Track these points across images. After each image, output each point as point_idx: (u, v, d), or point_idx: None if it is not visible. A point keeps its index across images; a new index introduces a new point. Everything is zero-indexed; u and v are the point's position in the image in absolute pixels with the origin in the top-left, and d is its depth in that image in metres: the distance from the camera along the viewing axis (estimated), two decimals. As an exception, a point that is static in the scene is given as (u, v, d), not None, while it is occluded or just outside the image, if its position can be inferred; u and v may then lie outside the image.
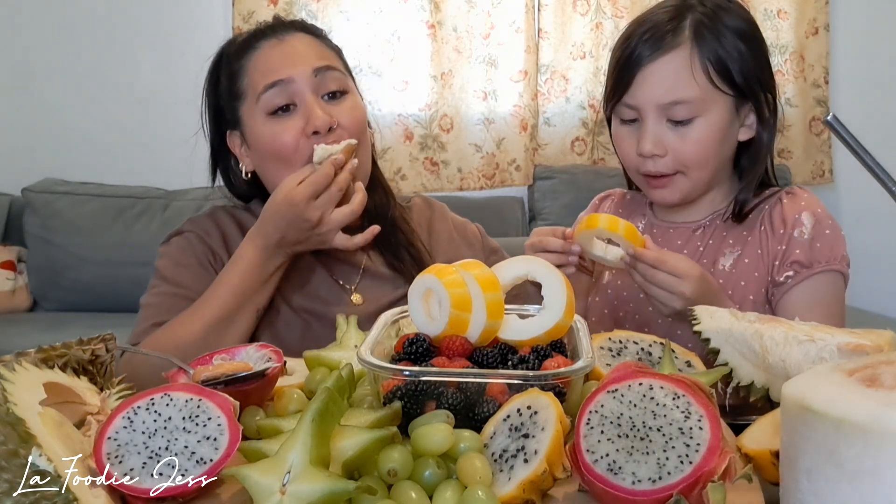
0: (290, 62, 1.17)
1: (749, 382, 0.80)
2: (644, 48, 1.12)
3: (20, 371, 0.65)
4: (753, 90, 1.14)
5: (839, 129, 0.74)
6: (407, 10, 3.20)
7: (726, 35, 1.12)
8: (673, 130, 1.12)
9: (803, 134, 3.28)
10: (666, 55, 1.11)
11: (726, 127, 1.14)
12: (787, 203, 1.18)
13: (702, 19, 1.13)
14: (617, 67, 1.15)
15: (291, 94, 1.16)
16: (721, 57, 1.11)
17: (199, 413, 0.66)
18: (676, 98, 1.10)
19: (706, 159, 1.14)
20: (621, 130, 1.18)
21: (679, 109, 1.11)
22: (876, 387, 0.54)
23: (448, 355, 0.78)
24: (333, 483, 0.57)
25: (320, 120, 1.14)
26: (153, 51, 3.27)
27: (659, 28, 1.13)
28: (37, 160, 3.21)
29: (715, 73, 1.11)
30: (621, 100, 1.15)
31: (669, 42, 1.11)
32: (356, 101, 1.22)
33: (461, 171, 3.27)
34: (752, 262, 1.17)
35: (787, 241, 1.15)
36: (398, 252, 1.26)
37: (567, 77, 3.28)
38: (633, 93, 1.13)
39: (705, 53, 1.11)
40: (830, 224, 1.17)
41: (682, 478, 0.57)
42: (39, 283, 3.02)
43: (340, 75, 1.20)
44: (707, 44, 1.11)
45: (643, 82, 1.12)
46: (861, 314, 2.82)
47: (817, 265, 1.13)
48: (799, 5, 3.23)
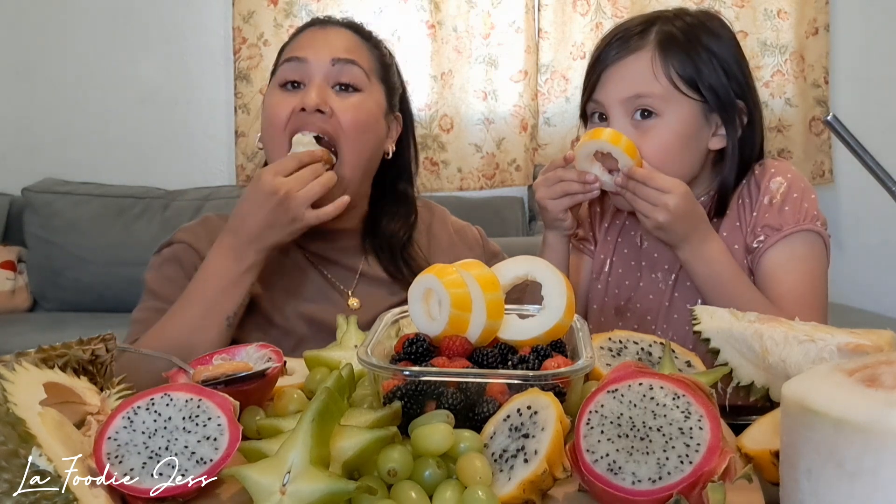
0: (315, 46, 1.19)
1: (749, 382, 0.80)
2: (611, 49, 1.17)
3: (20, 371, 0.65)
4: (722, 103, 1.15)
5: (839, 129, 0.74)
6: (407, 10, 3.20)
7: (694, 49, 1.15)
8: (636, 128, 1.15)
9: (803, 134, 3.28)
10: (630, 56, 1.15)
11: (692, 131, 1.15)
12: (757, 173, 1.20)
13: (671, 30, 1.16)
14: (588, 68, 1.21)
15: (304, 73, 1.18)
16: (686, 66, 1.14)
17: (199, 413, 0.66)
18: (637, 92, 1.14)
19: (667, 160, 1.14)
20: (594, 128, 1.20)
21: (641, 102, 1.14)
22: (876, 387, 0.54)
23: (448, 355, 0.78)
24: (333, 483, 0.57)
25: (311, 99, 1.14)
26: (153, 51, 3.27)
27: (627, 33, 1.18)
28: (37, 160, 3.21)
29: (678, 78, 1.14)
30: (590, 98, 1.19)
31: (634, 45, 1.16)
32: (364, 102, 1.19)
33: (461, 171, 3.27)
34: (730, 235, 1.19)
35: (758, 207, 1.17)
36: (396, 259, 1.26)
37: (567, 77, 3.28)
38: (600, 90, 1.17)
39: (669, 59, 1.14)
40: (800, 187, 1.18)
41: (682, 478, 0.57)
42: (39, 283, 3.02)
43: (360, 73, 1.19)
44: (672, 52, 1.15)
45: (608, 80, 1.16)
46: (861, 314, 2.82)
47: (787, 227, 1.15)
48: (799, 5, 3.23)
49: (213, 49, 3.28)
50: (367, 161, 1.22)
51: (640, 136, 1.14)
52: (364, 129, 1.19)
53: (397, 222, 1.28)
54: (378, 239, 1.27)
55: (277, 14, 3.17)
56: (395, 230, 1.28)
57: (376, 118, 1.21)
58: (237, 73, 3.19)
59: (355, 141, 1.18)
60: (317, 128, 1.15)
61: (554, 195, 1.15)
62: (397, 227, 1.28)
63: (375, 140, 1.22)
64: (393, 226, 1.28)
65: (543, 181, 1.16)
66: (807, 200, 1.17)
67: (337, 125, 1.16)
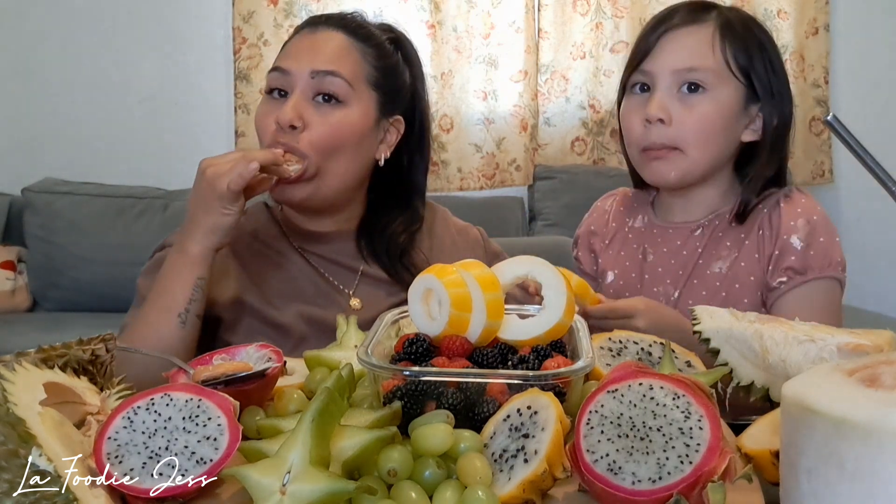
0: (299, 55, 1.18)
1: (749, 382, 0.80)
2: (670, 19, 1.18)
3: (20, 371, 0.65)
4: (766, 91, 1.17)
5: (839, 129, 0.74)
6: (407, 10, 3.20)
7: (750, 38, 1.17)
8: (681, 101, 1.15)
9: (803, 134, 3.28)
10: (691, 26, 1.17)
11: (732, 114, 1.17)
12: (784, 207, 1.18)
13: (729, 16, 1.19)
14: (641, 37, 1.20)
15: (287, 83, 1.17)
16: (741, 50, 1.16)
17: (199, 413, 0.66)
18: (692, 65, 1.15)
19: (706, 138, 1.16)
20: (631, 102, 1.21)
21: (692, 76, 1.15)
22: (876, 387, 0.54)
23: (448, 355, 0.78)
24: (333, 483, 0.57)
25: (286, 115, 1.13)
26: (153, 51, 3.27)
27: (687, 7, 1.19)
28: (37, 160, 3.21)
29: (732, 57, 1.15)
30: (639, 66, 1.18)
31: (695, 18, 1.17)
32: (344, 117, 1.15)
33: (461, 171, 3.27)
34: (748, 265, 1.18)
35: (782, 246, 1.15)
36: (394, 261, 1.25)
37: (567, 77, 3.28)
38: (652, 57, 1.17)
39: (727, 37, 1.16)
40: (826, 230, 1.17)
41: (682, 478, 0.57)
42: (39, 283, 3.02)
43: (342, 84, 1.15)
44: (730, 32, 1.16)
45: (664, 47, 1.17)
46: (861, 314, 2.81)
47: (811, 272, 1.14)
48: (799, 5, 3.23)
49: (213, 49, 3.28)
50: (343, 174, 1.18)
51: (685, 110, 1.15)
52: (337, 146, 1.15)
53: (397, 226, 1.27)
54: (375, 242, 1.26)
55: (277, 14, 3.17)
56: (393, 234, 1.26)
57: (359, 131, 1.17)
58: (237, 73, 3.19)
59: (328, 157, 1.15)
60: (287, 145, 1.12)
61: None
62: (396, 231, 1.27)
63: (356, 153, 1.18)
64: (391, 230, 1.26)
65: None
66: (831, 244, 1.16)
67: (309, 141, 1.13)
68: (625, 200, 1.35)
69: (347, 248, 1.26)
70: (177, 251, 1.10)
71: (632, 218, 1.31)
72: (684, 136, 1.15)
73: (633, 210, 1.32)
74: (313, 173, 1.14)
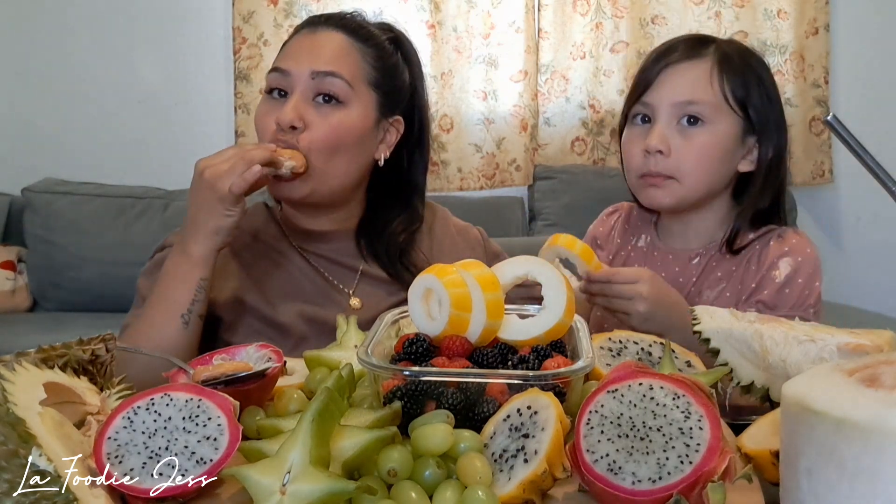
0: (299, 56, 1.17)
1: (749, 382, 0.80)
2: (670, 55, 1.22)
3: (20, 371, 0.65)
4: (762, 125, 1.21)
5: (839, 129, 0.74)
6: (407, 10, 3.20)
7: (747, 71, 1.21)
8: (680, 133, 1.19)
9: (803, 134, 3.28)
10: (689, 62, 1.21)
11: (730, 146, 1.20)
12: (773, 245, 1.22)
13: (727, 50, 1.23)
14: (643, 70, 1.25)
15: (287, 84, 1.17)
16: (738, 84, 1.20)
17: (199, 413, 0.66)
18: (691, 98, 1.18)
19: (703, 168, 1.19)
20: (632, 132, 1.25)
21: (691, 109, 1.18)
22: (876, 387, 0.54)
23: (448, 355, 0.78)
24: (333, 483, 0.57)
25: (286, 115, 1.13)
26: (153, 51, 3.27)
27: (688, 42, 1.24)
28: (37, 160, 3.21)
29: (729, 91, 1.19)
30: (640, 98, 1.22)
31: (694, 53, 1.21)
32: (344, 118, 1.15)
33: (461, 171, 3.27)
34: (732, 295, 1.21)
35: (761, 279, 1.19)
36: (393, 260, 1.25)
37: (567, 77, 3.28)
38: (653, 90, 1.21)
39: (725, 71, 1.20)
40: (808, 272, 1.19)
41: (682, 478, 0.57)
42: (39, 283, 3.02)
43: (342, 84, 1.15)
44: (728, 67, 1.20)
45: (664, 81, 1.20)
46: (861, 314, 2.82)
47: (780, 310, 1.15)
48: (799, 5, 3.23)
49: (213, 49, 3.28)
50: (344, 174, 1.19)
51: (684, 141, 1.19)
52: (337, 147, 1.15)
53: (396, 226, 1.27)
54: (375, 242, 1.26)
55: (277, 14, 3.17)
56: (393, 234, 1.26)
57: (358, 132, 1.17)
58: (237, 73, 3.19)
59: (327, 157, 1.15)
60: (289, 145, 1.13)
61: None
62: (396, 230, 1.27)
63: (355, 153, 1.19)
64: (391, 229, 1.26)
65: None
66: (809, 287, 1.19)
67: (309, 141, 1.13)
68: (629, 217, 1.38)
69: (347, 248, 1.26)
70: (178, 252, 1.10)
71: (635, 237, 1.34)
72: (682, 167, 1.19)
73: (637, 229, 1.35)
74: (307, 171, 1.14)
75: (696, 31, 3.24)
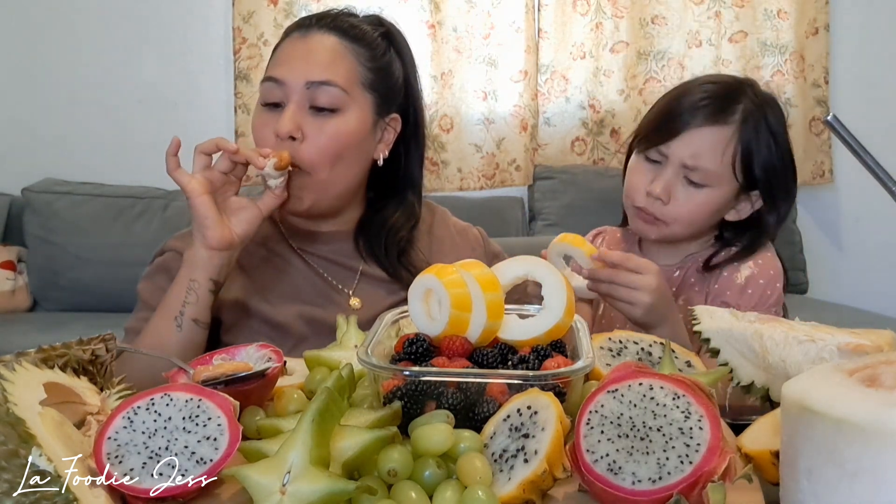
0: (291, 63, 1.16)
1: (749, 382, 0.80)
2: (699, 113, 1.23)
3: (20, 371, 0.65)
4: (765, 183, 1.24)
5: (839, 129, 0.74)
6: (407, 10, 3.20)
7: (762, 130, 1.24)
8: (684, 187, 1.23)
9: (803, 134, 3.28)
10: (714, 127, 1.22)
11: (724, 205, 1.26)
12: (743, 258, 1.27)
13: (751, 108, 1.23)
14: (665, 117, 1.26)
15: (281, 94, 1.15)
16: (751, 148, 1.23)
17: (199, 413, 0.66)
18: (699, 166, 1.21)
19: (694, 220, 1.26)
20: (640, 164, 1.27)
21: (695, 175, 1.22)
22: (876, 387, 0.54)
23: (448, 355, 0.78)
24: (333, 483, 0.57)
25: (284, 126, 1.12)
26: (153, 51, 3.27)
27: (717, 101, 1.23)
28: (37, 160, 3.21)
29: (739, 161, 1.22)
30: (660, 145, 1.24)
31: (722, 118, 1.22)
32: (341, 125, 1.15)
33: (461, 171, 3.27)
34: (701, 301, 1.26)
35: (720, 280, 1.26)
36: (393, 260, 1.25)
37: (567, 77, 3.28)
38: (673, 144, 1.23)
39: (742, 140, 1.22)
40: (768, 275, 1.25)
41: (682, 478, 0.57)
42: (39, 283, 3.02)
43: (337, 92, 1.14)
44: (747, 132, 1.22)
45: (684, 140, 1.22)
46: (861, 314, 2.82)
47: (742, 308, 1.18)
48: (799, 5, 3.23)
49: (213, 49, 3.28)
50: (345, 181, 1.19)
51: (686, 197, 1.23)
52: (338, 155, 1.15)
53: (395, 221, 1.26)
54: (374, 240, 1.26)
55: (277, 14, 3.17)
56: (392, 229, 1.26)
57: (357, 137, 1.17)
58: (237, 73, 3.19)
59: (330, 167, 1.15)
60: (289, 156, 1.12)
61: None
62: (395, 226, 1.26)
63: (355, 158, 1.18)
64: (389, 225, 1.26)
65: None
66: (770, 288, 1.25)
67: (309, 151, 1.13)
68: (614, 240, 1.42)
69: (346, 248, 1.26)
70: (180, 260, 1.11)
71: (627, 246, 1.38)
72: (676, 217, 1.25)
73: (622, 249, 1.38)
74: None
75: (697, 32, 3.25)
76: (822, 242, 3.32)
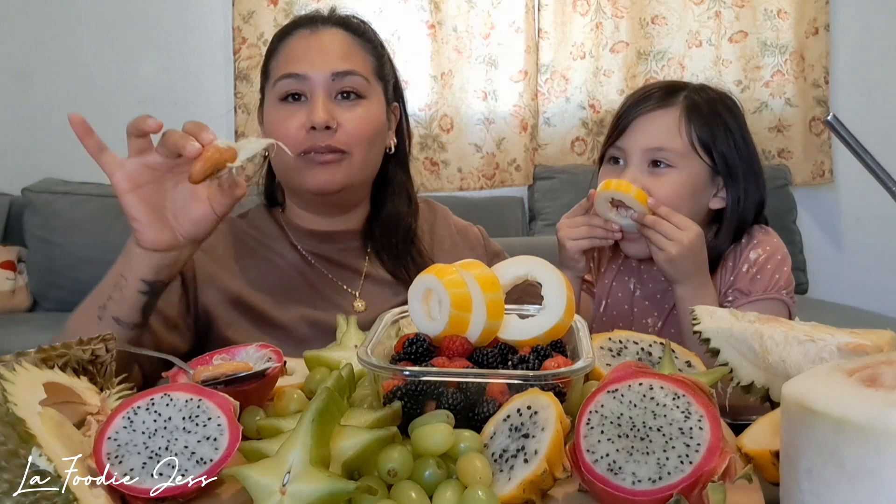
0: (311, 58, 1.18)
1: (749, 382, 0.80)
2: (644, 103, 1.29)
3: (20, 371, 0.65)
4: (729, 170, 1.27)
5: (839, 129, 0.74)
6: (407, 10, 3.20)
7: (714, 120, 1.27)
8: (650, 176, 1.25)
9: (803, 134, 3.28)
10: (658, 111, 1.27)
11: (698, 188, 1.27)
12: (744, 242, 1.30)
13: (697, 99, 1.28)
14: (619, 115, 1.31)
15: (304, 87, 1.17)
16: (705, 132, 1.26)
17: (199, 413, 0.66)
18: (660, 145, 1.25)
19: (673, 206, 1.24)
20: (607, 170, 1.31)
21: (659, 155, 1.25)
22: (876, 387, 0.54)
23: (448, 355, 0.78)
24: (333, 483, 0.57)
25: (319, 117, 1.14)
26: (153, 51, 3.27)
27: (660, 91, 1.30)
28: (37, 160, 3.21)
29: (697, 140, 1.25)
30: (615, 143, 1.29)
31: (663, 102, 1.28)
32: (369, 110, 1.19)
33: (461, 171, 3.27)
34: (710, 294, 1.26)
35: (734, 273, 1.28)
36: (400, 259, 1.25)
37: (567, 77, 3.28)
38: (625, 137, 1.28)
39: (692, 122, 1.26)
40: (776, 259, 1.27)
41: (682, 478, 0.57)
42: (39, 283, 3.02)
43: (361, 80, 1.19)
44: (695, 115, 1.26)
45: (636, 129, 1.27)
46: (861, 314, 2.81)
47: (754, 294, 1.25)
48: (799, 5, 3.23)
49: (213, 49, 3.28)
50: (375, 163, 1.24)
51: (654, 182, 1.24)
52: (372, 139, 1.20)
53: (401, 214, 1.28)
54: (380, 240, 1.26)
55: (277, 14, 3.17)
56: (400, 224, 1.27)
57: (380, 122, 1.22)
58: (237, 73, 3.19)
59: (366, 150, 1.19)
60: (327, 146, 1.15)
61: (575, 236, 1.24)
62: (402, 218, 1.28)
63: (379, 143, 1.23)
64: (398, 220, 1.27)
65: (568, 222, 1.25)
66: (779, 272, 1.27)
67: (346, 138, 1.16)
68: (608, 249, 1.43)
69: (352, 248, 1.26)
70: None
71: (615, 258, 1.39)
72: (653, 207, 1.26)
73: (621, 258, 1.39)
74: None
75: (697, 32, 3.26)
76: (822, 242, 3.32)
